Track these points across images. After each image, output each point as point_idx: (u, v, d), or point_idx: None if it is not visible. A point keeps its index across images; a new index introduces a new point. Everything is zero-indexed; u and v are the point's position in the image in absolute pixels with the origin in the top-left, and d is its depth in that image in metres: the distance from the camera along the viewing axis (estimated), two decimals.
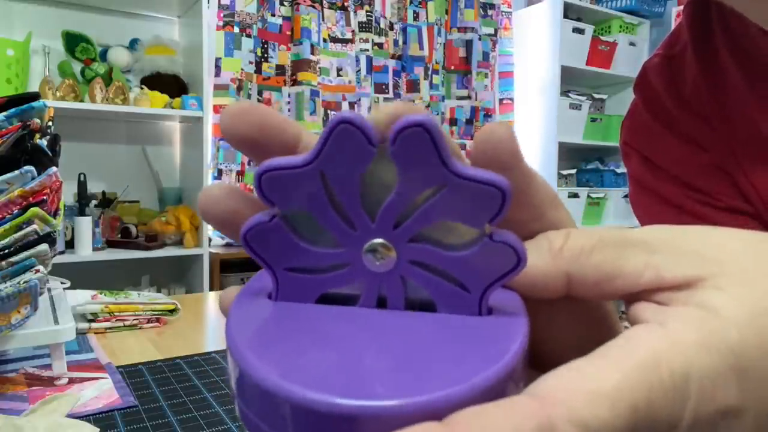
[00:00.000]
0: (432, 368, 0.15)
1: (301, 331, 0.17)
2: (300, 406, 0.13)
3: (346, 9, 2.49)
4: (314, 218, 0.17)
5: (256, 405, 0.15)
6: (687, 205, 0.54)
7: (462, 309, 0.17)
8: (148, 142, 2.26)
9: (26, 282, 0.55)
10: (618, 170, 2.99)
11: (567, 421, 0.13)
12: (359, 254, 0.17)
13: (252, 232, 0.17)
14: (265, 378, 0.14)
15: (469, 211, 0.16)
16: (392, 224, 0.17)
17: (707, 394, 0.14)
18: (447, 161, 0.15)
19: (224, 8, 2.24)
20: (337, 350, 0.15)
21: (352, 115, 0.15)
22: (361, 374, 0.14)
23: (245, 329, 0.16)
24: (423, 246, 0.17)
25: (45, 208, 0.58)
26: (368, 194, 0.17)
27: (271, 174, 0.16)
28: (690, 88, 0.53)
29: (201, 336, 0.84)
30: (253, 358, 0.15)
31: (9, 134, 0.57)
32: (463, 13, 2.72)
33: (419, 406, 0.13)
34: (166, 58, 2.13)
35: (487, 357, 0.15)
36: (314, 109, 2.33)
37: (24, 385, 0.60)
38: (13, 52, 1.79)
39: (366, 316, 0.17)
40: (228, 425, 0.52)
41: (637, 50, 3.00)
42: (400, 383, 0.14)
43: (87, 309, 0.80)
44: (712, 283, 0.16)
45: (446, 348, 0.16)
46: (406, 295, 0.18)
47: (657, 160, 0.56)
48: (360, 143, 0.16)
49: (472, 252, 0.17)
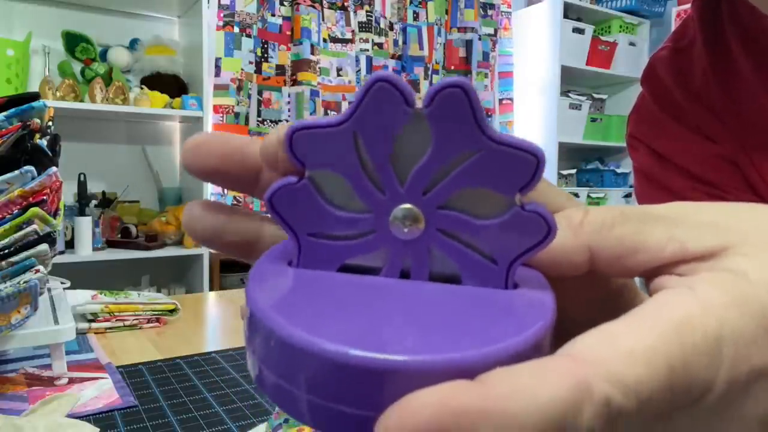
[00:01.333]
0: (460, 332, 0.14)
1: (323, 296, 0.16)
2: (326, 358, 0.13)
3: (346, 9, 2.49)
4: (343, 181, 0.17)
5: (276, 361, 0.14)
6: (695, 197, 0.53)
7: (488, 282, 0.17)
8: (148, 142, 2.26)
9: (26, 282, 0.55)
10: (618, 170, 2.99)
11: (603, 380, 0.12)
12: (386, 220, 0.17)
13: (278, 194, 0.17)
14: (288, 332, 0.14)
15: (502, 178, 0.16)
16: (422, 190, 0.16)
17: (741, 355, 0.14)
18: (482, 125, 0.15)
19: (224, 8, 2.24)
20: (361, 314, 0.15)
21: (389, 75, 0.15)
22: (389, 332, 0.14)
23: (267, 292, 0.16)
24: (452, 213, 0.17)
25: (45, 208, 0.58)
26: (399, 158, 0.16)
27: (303, 132, 0.16)
28: (699, 81, 0.53)
29: (201, 336, 0.84)
30: (277, 316, 0.14)
31: (9, 134, 0.57)
32: (463, 13, 2.72)
33: (446, 362, 0.13)
34: (166, 58, 2.14)
35: (515, 326, 0.15)
36: (314, 109, 2.33)
37: (24, 385, 0.60)
38: (13, 52, 1.79)
39: (390, 285, 0.17)
40: (228, 425, 0.52)
41: (637, 50, 3.00)
42: (428, 342, 0.14)
43: (87, 309, 0.80)
44: (737, 250, 0.15)
45: (473, 316, 0.15)
46: (430, 268, 0.17)
47: (665, 152, 0.56)
48: (396, 103, 0.15)
49: (501, 222, 0.16)
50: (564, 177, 2.92)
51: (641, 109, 0.59)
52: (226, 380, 0.62)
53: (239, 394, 0.59)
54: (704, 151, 0.53)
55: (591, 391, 0.12)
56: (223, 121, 2.26)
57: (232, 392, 0.59)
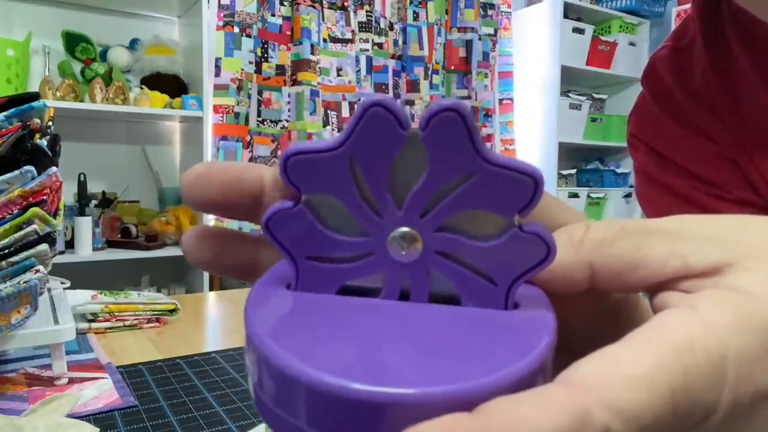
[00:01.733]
0: (459, 359, 0.14)
1: (322, 320, 0.16)
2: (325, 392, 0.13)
3: (346, 9, 2.49)
4: (339, 205, 0.17)
5: (274, 390, 0.14)
6: (695, 196, 0.53)
7: (488, 302, 0.17)
8: (148, 142, 2.26)
9: (26, 282, 0.55)
10: (618, 170, 2.99)
11: (603, 408, 0.12)
12: (384, 243, 0.17)
13: (274, 219, 0.17)
14: (285, 362, 0.14)
15: (500, 201, 0.16)
16: (420, 212, 0.16)
17: (745, 375, 0.14)
18: (479, 147, 0.15)
19: (224, 8, 2.24)
20: (359, 339, 0.15)
21: (384, 99, 0.15)
22: (386, 362, 0.14)
23: (265, 317, 0.16)
24: (450, 236, 0.17)
25: (45, 208, 0.58)
26: (396, 182, 0.16)
27: (298, 158, 0.16)
28: (699, 80, 0.53)
29: (201, 336, 0.84)
30: (273, 344, 0.14)
31: (9, 134, 0.57)
32: (463, 13, 2.72)
33: (446, 395, 0.13)
34: (166, 58, 2.14)
35: (516, 350, 0.14)
36: (314, 109, 2.33)
37: (24, 385, 0.60)
38: (13, 52, 1.79)
39: (389, 307, 0.17)
40: (228, 425, 0.52)
41: (637, 50, 3.00)
42: (426, 372, 0.13)
43: (87, 309, 0.80)
44: (741, 265, 0.15)
45: (473, 340, 0.15)
46: (429, 289, 0.17)
47: (665, 151, 0.56)
48: (391, 127, 0.15)
49: (500, 243, 0.16)
50: (564, 177, 2.92)
51: (641, 109, 0.59)
52: (226, 380, 0.62)
53: (239, 394, 0.59)
54: (704, 150, 0.53)
55: (591, 420, 0.12)
56: (223, 121, 2.26)
57: (232, 392, 0.59)
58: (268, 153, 2.37)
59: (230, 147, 2.28)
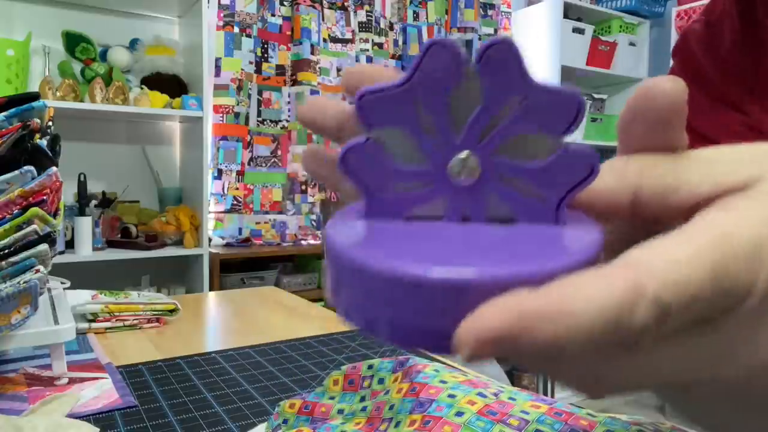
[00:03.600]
0: (522, 253, 0.16)
1: (395, 235, 0.18)
2: (412, 279, 0.14)
3: (346, 9, 2.49)
4: (405, 137, 0.19)
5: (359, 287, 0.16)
6: None
7: (541, 219, 0.19)
8: (148, 142, 2.26)
9: (26, 282, 0.55)
10: None
11: (654, 280, 0.14)
12: (445, 170, 0.19)
13: (348, 154, 0.19)
14: (365, 260, 0.15)
15: (548, 121, 0.18)
16: (477, 139, 0.18)
17: None
18: (527, 73, 0.17)
19: (224, 8, 2.24)
20: (431, 244, 0.17)
21: (443, 39, 0.17)
22: (456, 257, 0.16)
23: (345, 236, 0.18)
24: (504, 159, 0.18)
25: (45, 208, 0.58)
26: (455, 112, 0.18)
27: (369, 97, 0.18)
28: (729, 53, 0.55)
29: (201, 336, 0.84)
30: (357, 249, 0.16)
31: (9, 134, 0.57)
32: (463, 13, 2.72)
33: (514, 276, 0.14)
34: (166, 58, 2.13)
35: (573, 247, 0.16)
36: None
37: (24, 385, 0.60)
38: (13, 52, 1.79)
39: (453, 226, 0.19)
40: (228, 425, 0.52)
41: (637, 50, 3.00)
42: (494, 262, 0.15)
43: (87, 309, 0.80)
44: None
45: (533, 242, 0.17)
46: (487, 212, 0.19)
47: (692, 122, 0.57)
48: (449, 63, 0.17)
49: (548, 163, 0.18)
50: None
51: None
52: (226, 380, 0.62)
53: (239, 394, 0.59)
54: (731, 119, 0.54)
55: (644, 290, 0.14)
56: (223, 121, 2.26)
57: (232, 392, 0.59)
58: (268, 153, 2.37)
59: (230, 147, 2.28)
